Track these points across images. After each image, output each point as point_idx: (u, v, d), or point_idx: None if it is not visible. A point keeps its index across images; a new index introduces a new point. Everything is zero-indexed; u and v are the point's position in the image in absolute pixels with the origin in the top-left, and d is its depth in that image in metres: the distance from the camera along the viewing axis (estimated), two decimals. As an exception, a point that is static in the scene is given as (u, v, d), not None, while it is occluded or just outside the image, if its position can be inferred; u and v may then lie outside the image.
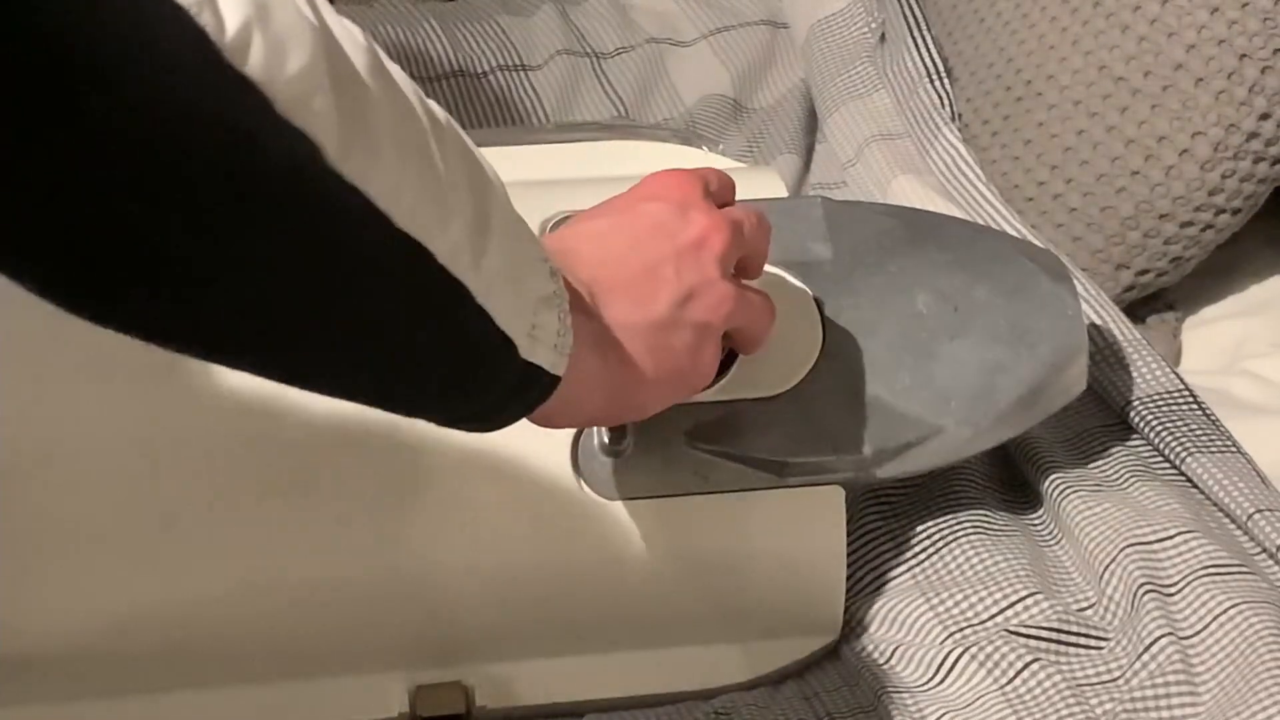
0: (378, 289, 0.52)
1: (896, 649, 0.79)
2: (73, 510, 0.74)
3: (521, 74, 1.18)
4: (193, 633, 0.75)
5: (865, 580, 0.82)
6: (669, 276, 0.66)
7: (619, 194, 0.70)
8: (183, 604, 0.75)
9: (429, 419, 0.60)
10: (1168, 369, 0.89)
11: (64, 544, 0.74)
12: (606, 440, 0.76)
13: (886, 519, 0.84)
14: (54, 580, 0.74)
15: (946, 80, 1.07)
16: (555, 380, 0.60)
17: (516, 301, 0.57)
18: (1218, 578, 0.77)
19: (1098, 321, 0.91)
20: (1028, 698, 0.75)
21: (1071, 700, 0.74)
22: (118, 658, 0.74)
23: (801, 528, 0.78)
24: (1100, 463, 0.86)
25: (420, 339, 0.55)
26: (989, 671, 0.76)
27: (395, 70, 0.53)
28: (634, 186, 0.70)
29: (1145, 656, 0.75)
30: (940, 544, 0.82)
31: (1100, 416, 0.88)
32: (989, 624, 0.78)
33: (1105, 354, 0.89)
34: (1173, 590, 0.77)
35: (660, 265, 0.66)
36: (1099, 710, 0.74)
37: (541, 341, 0.59)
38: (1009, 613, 0.78)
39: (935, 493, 0.85)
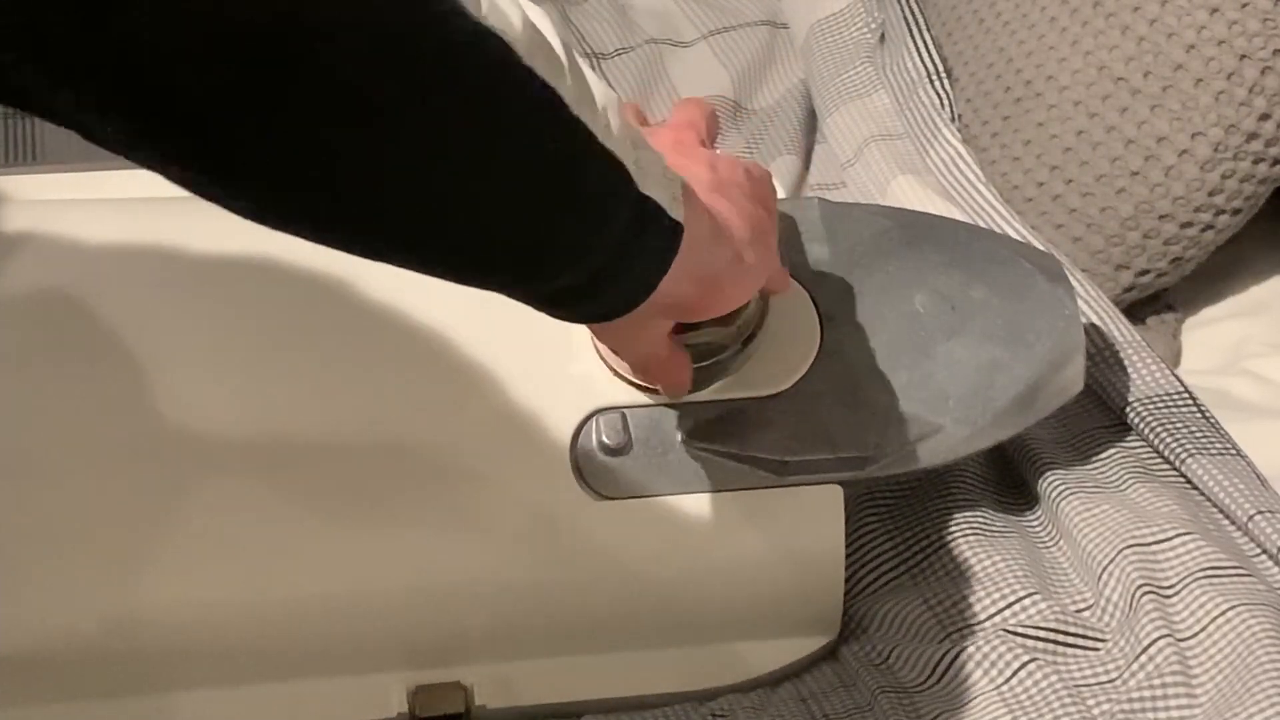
0: (473, 86, 0.51)
1: (894, 649, 0.79)
2: (72, 509, 0.74)
3: (521, 74, 1.18)
4: (191, 633, 0.75)
5: (863, 581, 0.82)
6: (691, 159, 0.68)
7: None
8: (181, 605, 0.75)
9: (569, 278, 0.58)
10: (1167, 370, 0.89)
11: (63, 543, 0.74)
12: (606, 439, 0.76)
13: (884, 520, 0.84)
14: (53, 580, 0.74)
15: (946, 81, 1.07)
16: (677, 226, 0.59)
17: (608, 129, 0.56)
18: (1216, 579, 0.77)
19: (1097, 322, 0.91)
20: (1024, 698, 0.75)
21: (1068, 701, 0.74)
22: (116, 658, 0.75)
23: (800, 527, 0.78)
24: (1099, 464, 0.86)
25: (523, 141, 0.54)
26: (985, 672, 0.76)
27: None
28: None
29: (1143, 658, 0.75)
30: (938, 544, 0.82)
31: (1099, 418, 0.88)
32: (986, 624, 0.78)
33: (1104, 355, 0.89)
34: (1171, 592, 0.77)
35: (675, 156, 0.67)
36: (1096, 711, 0.75)
37: (651, 176, 0.58)
38: (1006, 613, 0.78)
39: (933, 494, 0.85)
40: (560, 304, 0.61)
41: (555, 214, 0.56)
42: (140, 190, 0.83)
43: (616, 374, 0.77)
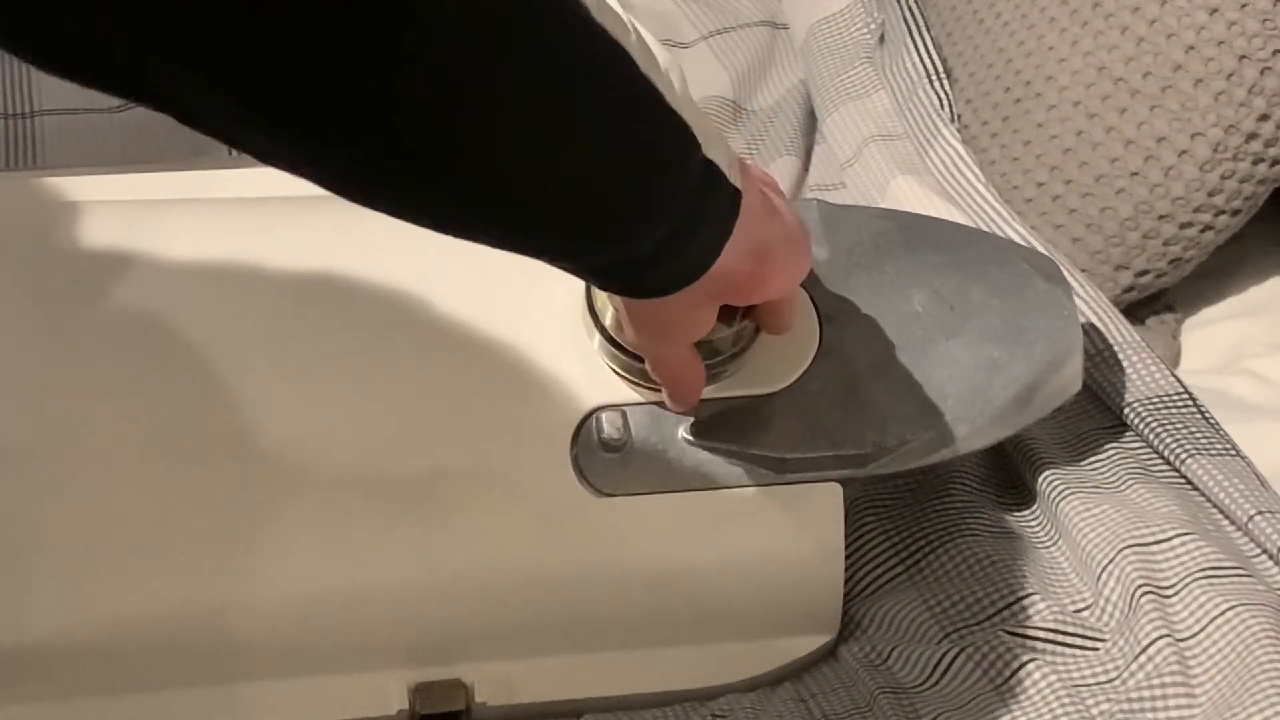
0: (556, 45, 0.51)
1: (893, 649, 0.79)
2: (74, 507, 0.75)
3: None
4: (192, 631, 0.75)
5: (862, 581, 0.82)
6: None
7: None
8: (182, 602, 0.75)
9: (637, 246, 0.58)
10: (1166, 371, 0.89)
11: (65, 541, 0.74)
12: (606, 436, 0.76)
13: (883, 520, 0.84)
14: (55, 577, 0.74)
15: (946, 81, 1.07)
16: (737, 193, 0.59)
17: (671, 89, 0.56)
18: (1215, 579, 0.77)
19: (1096, 323, 0.91)
20: (1023, 698, 0.75)
21: (1067, 701, 0.74)
22: (117, 655, 0.75)
23: (800, 525, 0.78)
24: (1098, 464, 0.86)
25: (607, 102, 0.54)
26: (985, 672, 0.76)
27: None
28: None
29: (1142, 658, 0.75)
30: (937, 544, 0.82)
31: (1098, 418, 0.89)
32: (985, 624, 0.78)
33: (1104, 355, 0.89)
34: (1170, 592, 0.77)
35: None
36: (1095, 711, 0.75)
37: (712, 141, 0.58)
38: (1006, 613, 0.79)
39: (932, 494, 0.85)
40: (621, 275, 0.61)
41: (629, 174, 0.56)
42: (144, 192, 0.83)
43: (616, 371, 0.77)
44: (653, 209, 0.57)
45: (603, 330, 0.76)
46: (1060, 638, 0.78)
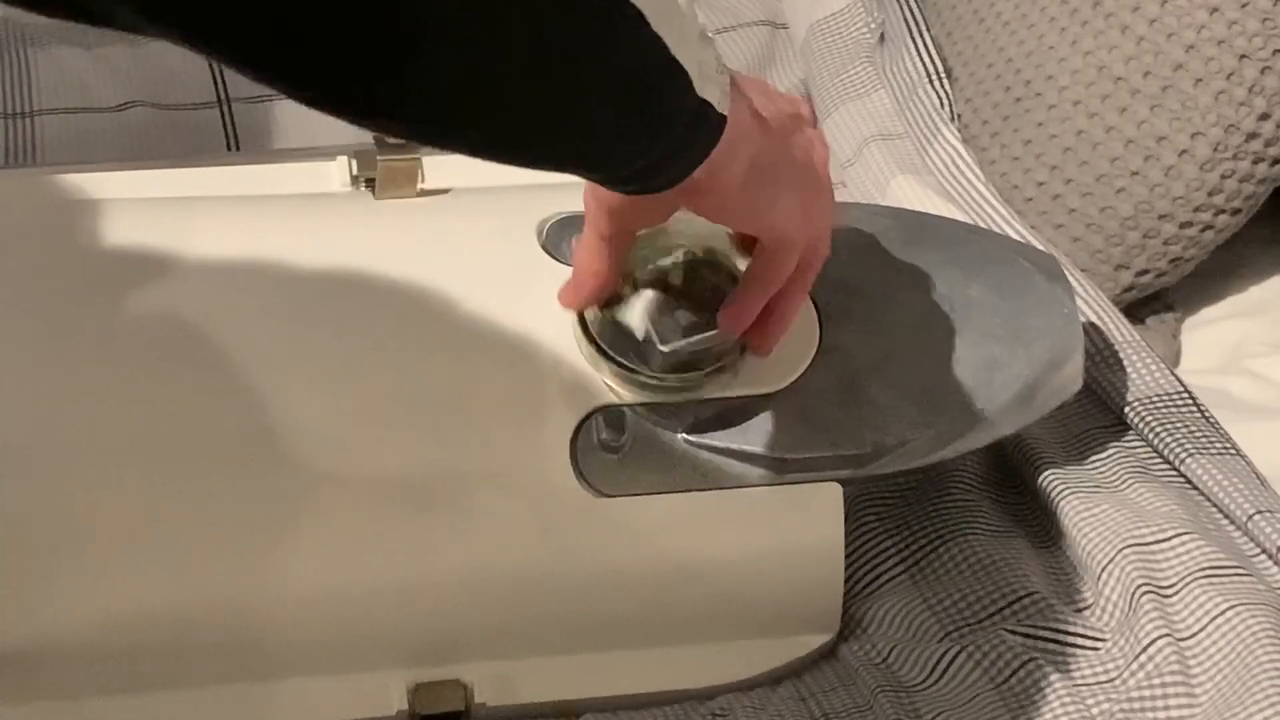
0: (565, 11, 0.53)
1: (894, 648, 0.79)
2: (75, 507, 0.74)
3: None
4: (193, 630, 0.75)
5: (863, 579, 0.82)
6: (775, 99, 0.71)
7: None
8: (183, 602, 0.75)
9: (615, 169, 0.62)
10: (1167, 370, 0.89)
11: (66, 541, 0.74)
12: (606, 437, 0.76)
13: (884, 519, 0.84)
14: (56, 578, 0.74)
15: (946, 81, 1.07)
16: (723, 120, 0.62)
17: (683, 33, 0.59)
18: (1215, 579, 0.77)
19: (1096, 322, 0.91)
20: (1024, 697, 0.75)
21: (1068, 700, 0.74)
22: (118, 655, 0.75)
23: (800, 524, 0.78)
24: (1098, 464, 0.86)
25: (608, 65, 0.56)
26: (985, 671, 0.76)
27: None
28: None
29: (1142, 657, 0.75)
30: (938, 543, 0.82)
31: (1099, 417, 0.89)
32: (986, 623, 0.78)
33: (1104, 355, 0.89)
34: (1170, 591, 0.77)
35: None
36: (1095, 710, 0.75)
37: (708, 77, 0.60)
38: (1006, 612, 0.79)
39: (933, 493, 0.85)
40: (606, 183, 0.64)
41: (627, 121, 0.59)
42: (146, 189, 0.83)
43: (617, 372, 0.77)
44: (645, 147, 0.61)
45: (593, 340, 0.76)
46: (1060, 637, 0.78)
